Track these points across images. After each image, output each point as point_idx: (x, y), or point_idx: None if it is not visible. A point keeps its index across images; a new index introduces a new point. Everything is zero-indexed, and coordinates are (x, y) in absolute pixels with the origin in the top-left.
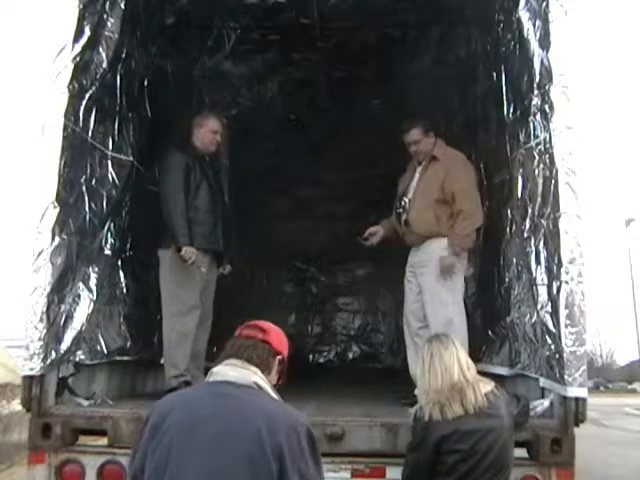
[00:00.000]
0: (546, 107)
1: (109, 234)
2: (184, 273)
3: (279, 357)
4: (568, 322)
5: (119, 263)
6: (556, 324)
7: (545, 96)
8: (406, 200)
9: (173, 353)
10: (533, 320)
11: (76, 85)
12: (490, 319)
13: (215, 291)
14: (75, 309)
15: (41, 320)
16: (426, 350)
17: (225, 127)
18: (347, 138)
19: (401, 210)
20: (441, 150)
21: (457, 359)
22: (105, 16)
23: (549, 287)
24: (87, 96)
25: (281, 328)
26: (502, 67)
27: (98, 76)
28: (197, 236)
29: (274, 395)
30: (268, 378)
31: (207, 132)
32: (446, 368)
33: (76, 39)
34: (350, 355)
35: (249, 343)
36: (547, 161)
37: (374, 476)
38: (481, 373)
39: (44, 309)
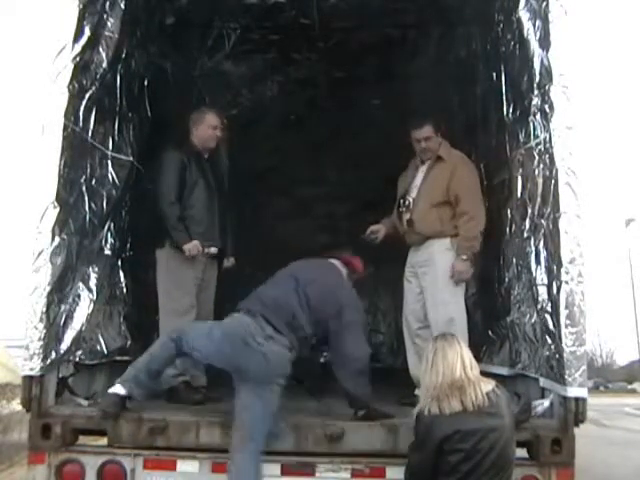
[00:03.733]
0: (546, 107)
1: (109, 234)
2: (180, 273)
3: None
4: (568, 322)
5: (119, 263)
6: (556, 324)
7: (545, 96)
8: (410, 200)
9: None
10: (533, 320)
11: (76, 85)
12: (490, 319)
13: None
14: (75, 309)
15: (41, 320)
16: (430, 348)
17: (225, 125)
18: (347, 138)
19: (404, 209)
20: (446, 151)
21: (461, 357)
22: (105, 16)
23: (549, 287)
24: (87, 96)
25: None
26: (502, 67)
27: (98, 76)
28: (194, 235)
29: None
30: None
31: (205, 128)
32: (448, 365)
33: (76, 39)
34: None
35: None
36: (547, 161)
37: (374, 476)
38: (481, 373)
39: (44, 309)
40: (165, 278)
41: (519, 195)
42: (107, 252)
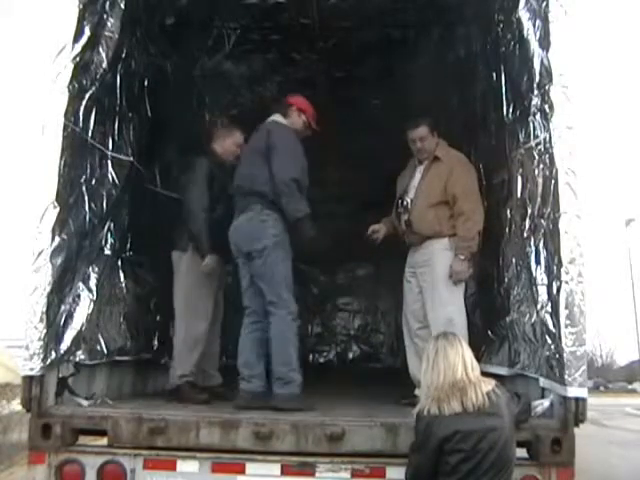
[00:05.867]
0: (546, 107)
1: (109, 234)
2: (200, 277)
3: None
4: (568, 322)
5: (119, 263)
6: (556, 324)
7: (545, 96)
8: (408, 200)
9: (184, 355)
10: (533, 320)
11: (76, 85)
12: (490, 319)
13: None
14: (75, 309)
15: (41, 320)
16: (431, 347)
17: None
18: (347, 138)
19: (402, 210)
20: (443, 151)
21: (462, 358)
22: (105, 16)
23: (549, 287)
24: (87, 96)
25: None
26: (502, 67)
27: (98, 76)
28: (216, 244)
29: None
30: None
31: (232, 144)
32: (449, 366)
33: (76, 39)
34: (350, 355)
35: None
36: (547, 161)
37: (374, 476)
38: (481, 373)
39: (44, 309)
40: (185, 281)
41: (519, 195)
42: (107, 252)
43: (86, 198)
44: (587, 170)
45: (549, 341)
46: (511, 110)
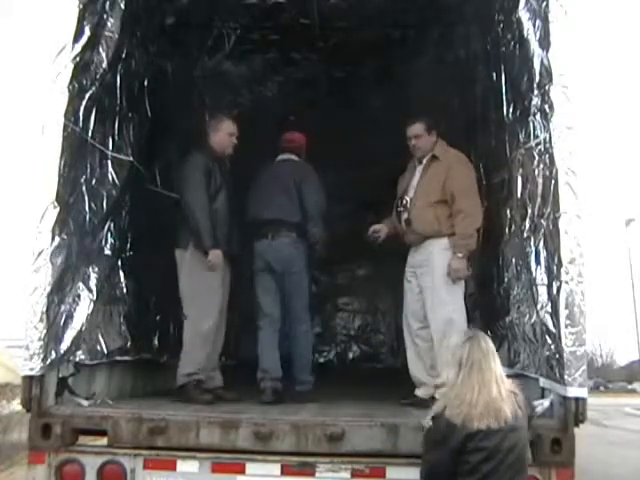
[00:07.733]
0: (546, 107)
1: (109, 234)
2: (203, 274)
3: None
4: (568, 322)
5: (119, 263)
6: (556, 324)
7: (545, 96)
8: (407, 199)
9: (193, 353)
10: (533, 320)
11: (76, 85)
12: (489, 319)
13: None
14: (75, 309)
15: (41, 320)
16: (465, 355)
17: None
18: (347, 138)
19: (402, 209)
20: (442, 150)
21: (495, 374)
22: (105, 16)
23: (549, 287)
24: (87, 96)
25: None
26: (502, 67)
27: (98, 76)
28: (215, 238)
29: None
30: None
31: (224, 135)
32: (484, 383)
33: (76, 39)
34: (350, 355)
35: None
36: (547, 161)
37: (374, 476)
38: None
39: (44, 309)
40: (190, 280)
41: (519, 195)
42: (107, 252)
43: (86, 198)
44: (587, 170)
45: (549, 341)
46: (511, 110)
